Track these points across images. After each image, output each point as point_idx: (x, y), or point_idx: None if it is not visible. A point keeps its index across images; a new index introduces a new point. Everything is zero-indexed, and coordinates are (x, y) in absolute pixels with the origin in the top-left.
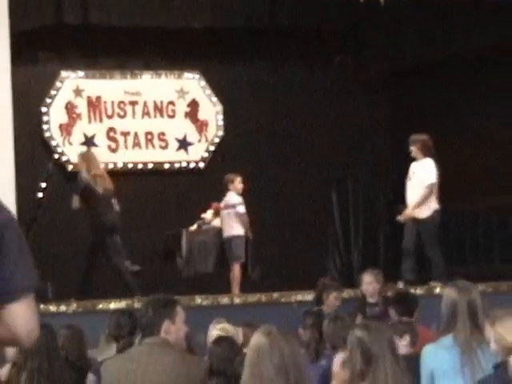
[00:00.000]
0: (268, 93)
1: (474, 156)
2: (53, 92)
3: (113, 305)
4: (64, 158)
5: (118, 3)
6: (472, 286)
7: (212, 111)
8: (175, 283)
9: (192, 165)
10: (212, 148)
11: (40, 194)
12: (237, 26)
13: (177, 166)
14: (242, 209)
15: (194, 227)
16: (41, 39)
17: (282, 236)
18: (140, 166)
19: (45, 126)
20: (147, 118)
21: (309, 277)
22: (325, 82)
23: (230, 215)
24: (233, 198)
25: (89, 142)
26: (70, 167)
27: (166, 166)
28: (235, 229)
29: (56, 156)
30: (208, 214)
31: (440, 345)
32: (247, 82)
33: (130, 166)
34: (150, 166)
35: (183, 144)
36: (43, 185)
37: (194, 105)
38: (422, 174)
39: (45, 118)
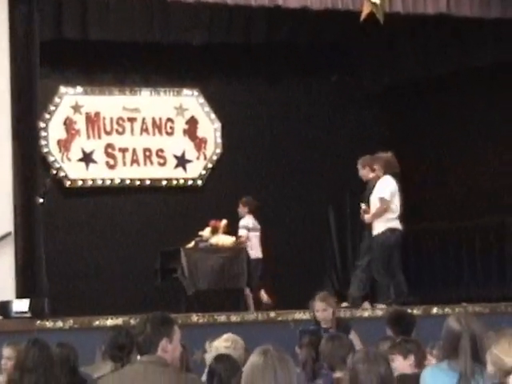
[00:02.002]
0: (266, 110)
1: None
2: (51, 108)
3: (109, 321)
4: (62, 174)
5: (117, 19)
6: (475, 318)
7: (211, 128)
8: (173, 301)
9: (190, 182)
10: (210, 165)
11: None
12: (235, 43)
13: (174, 183)
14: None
15: (191, 244)
16: (40, 55)
17: (278, 254)
18: (137, 183)
19: (43, 142)
20: (146, 134)
21: (305, 295)
22: (322, 98)
23: (257, 238)
24: (255, 221)
25: (87, 158)
26: (68, 183)
27: (164, 182)
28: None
29: (54, 172)
30: (205, 232)
31: (440, 368)
32: (246, 99)
33: (128, 182)
34: (148, 182)
35: (181, 161)
36: (40, 200)
37: (192, 122)
38: (377, 191)
39: (43, 134)
